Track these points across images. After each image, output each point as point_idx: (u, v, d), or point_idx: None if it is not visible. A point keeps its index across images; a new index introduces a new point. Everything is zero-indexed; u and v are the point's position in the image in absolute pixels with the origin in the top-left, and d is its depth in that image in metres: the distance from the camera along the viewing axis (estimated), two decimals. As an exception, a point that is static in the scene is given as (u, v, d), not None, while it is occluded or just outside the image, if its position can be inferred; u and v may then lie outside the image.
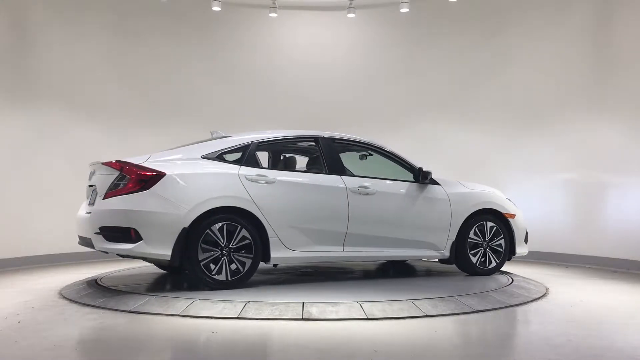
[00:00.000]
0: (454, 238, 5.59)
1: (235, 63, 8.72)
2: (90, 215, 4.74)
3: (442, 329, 3.81)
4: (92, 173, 5.06)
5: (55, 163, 7.39)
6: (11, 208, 6.99)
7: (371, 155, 5.71)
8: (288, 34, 8.96)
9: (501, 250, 5.81)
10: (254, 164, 5.07)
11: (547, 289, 5.31)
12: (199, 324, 3.84)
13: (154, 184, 4.56)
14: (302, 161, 5.96)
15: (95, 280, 5.34)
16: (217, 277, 4.68)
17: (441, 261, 5.88)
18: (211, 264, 4.66)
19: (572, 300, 4.86)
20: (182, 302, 4.22)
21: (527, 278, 5.80)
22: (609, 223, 7.10)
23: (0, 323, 3.90)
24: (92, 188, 4.97)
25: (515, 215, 5.93)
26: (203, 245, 4.63)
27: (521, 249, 5.98)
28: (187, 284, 5.07)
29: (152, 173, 4.59)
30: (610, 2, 7.29)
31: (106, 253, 4.88)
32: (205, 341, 3.51)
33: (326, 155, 5.34)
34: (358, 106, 8.80)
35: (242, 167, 4.92)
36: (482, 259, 5.72)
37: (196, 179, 4.71)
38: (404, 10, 8.33)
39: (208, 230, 4.64)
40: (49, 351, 3.22)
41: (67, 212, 6.05)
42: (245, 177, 4.86)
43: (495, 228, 5.77)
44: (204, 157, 4.92)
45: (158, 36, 8.39)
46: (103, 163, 4.87)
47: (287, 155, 5.92)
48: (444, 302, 4.36)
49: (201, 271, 4.63)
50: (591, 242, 7.28)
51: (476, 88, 8.45)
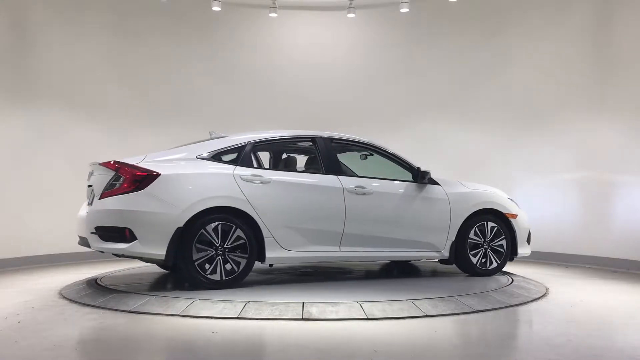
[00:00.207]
0: (454, 238, 5.56)
1: (235, 63, 8.72)
2: (87, 215, 4.80)
3: (442, 329, 3.81)
4: (91, 173, 5.08)
5: (55, 163, 7.39)
6: (11, 208, 6.99)
7: (371, 155, 5.70)
8: (288, 34, 8.96)
9: (502, 250, 5.76)
10: (250, 164, 5.06)
11: (547, 289, 5.31)
12: (199, 324, 3.84)
13: (149, 184, 4.59)
14: (303, 161, 5.96)
15: (95, 280, 5.34)
16: (212, 277, 4.70)
17: (441, 261, 5.85)
18: (206, 264, 4.68)
19: (572, 300, 4.87)
20: (182, 302, 4.22)
21: (527, 278, 5.80)
22: (609, 223, 7.10)
23: (0, 323, 3.90)
24: (91, 188, 5.00)
25: (517, 215, 5.87)
26: (197, 245, 4.65)
27: (523, 250, 5.92)
28: (188, 284, 5.07)
29: (147, 173, 4.62)
30: (610, 2, 7.29)
31: (102, 253, 4.92)
32: (205, 341, 3.51)
33: (323, 155, 5.33)
34: (358, 106, 8.80)
35: (238, 167, 4.93)
36: (483, 260, 5.68)
37: (191, 179, 4.72)
38: (404, 10, 8.33)
39: (202, 230, 4.66)
40: (49, 351, 3.22)
41: (67, 212, 6.05)
42: (240, 177, 4.86)
43: (496, 228, 5.72)
44: (200, 158, 4.93)
45: (158, 36, 8.39)
46: (100, 163, 4.90)
47: (288, 155, 5.92)
48: (444, 302, 4.36)
49: (195, 271, 4.65)
50: (591, 242, 7.28)
51: (476, 88, 8.45)
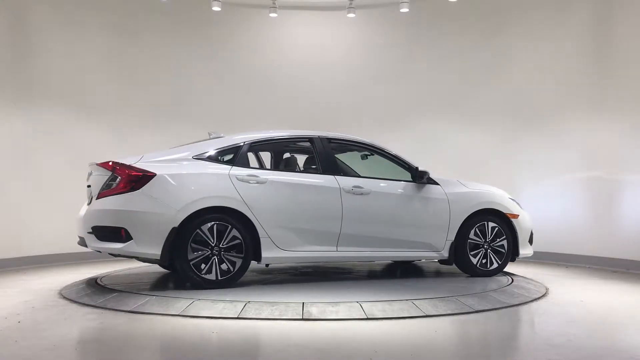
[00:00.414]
0: (453, 238, 5.52)
1: (235, 63, 8.72)
2: (84, 214, 4.85)
3: (442, 329, 3.81)
4: (90, 174, 5.11)
5: (55, 163, 7.39)
6: (11, 208, 6.98)
7: (372, 155, 5.70)
8: (288, 34, 8.96)
9: (503, 251, 5.72)
10: (246, 164, 5.07)
11: (547, 289, 5.31)
12: (199, 324, 3.84)
13: (144, 184, 4.62)
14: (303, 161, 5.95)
15: (95, 280, 5.34)
16: (207, 277, 4.71)
17: (440, 262, 5.81)
18: (201, 264, 4.69)
19: (572, 300, 4.86)
20: (182, 302, 4.23)
21: (527, 278, 5.79)
22: (610, 223, 7.09)
23: (0, 323, 3.90)
24: (90, 188, 5.03)
25: (518, 215, 5.81)
26: (193, 244, 4.67)
27: (525, 250, 5.87)
28: (189, 284, 5.07)
29: (142, 173, 4.65)
30: (610, 2, 7.29)
31: (100, 252, 4.95)
32: (205, 341, 3.51)
33: (320, 155, 5.33)
34: (358, 106, 8.80)
35: (234, 168, 4.94)
36: (483, 260, 5.63)
37: (186, 179, 4.74)
38: (404, 10, 8.33)
39: (198, 230, 4.68)
40: (49, 351, 3.22)
41: (67, 212, 6.05)
42: (236, 177, 4.87)
43: (497, 228, 5.68)
44: (196, 158, 4.95)
45: (158, 36, 8.39)
46: (97, 164, 4.94)
47: (290, 155, 5.92)
48: (444, 302, 4.36)
49: (191, 270, 4.67)
50: (591, 242, 7.27)
51: (476, 88, 8.45)
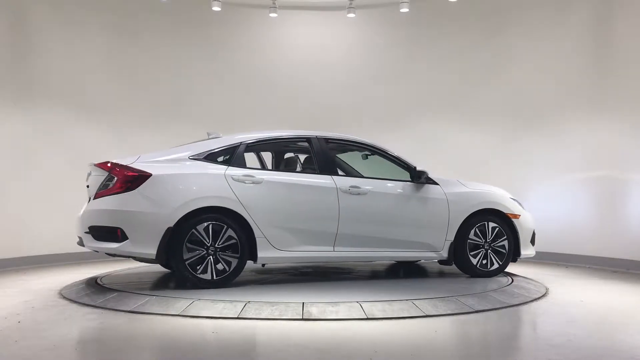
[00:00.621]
0: (453, 239, 5.49)
1: (235, 63, 8.72)
2: (82, 214, 4.89)
3: (442, 329, 3.81)
4: (89, 174, 5.14)
5: (55, 163, 7.39)
6: (11, 208, 6.98)
7: (372, 154, 5.69)
8: (288, 34, 8.96)
9: (504, 251, 5.67)
10: (242, 165, 5.06)
11: (547, 289, 5.31)
12: (199, 324, 3.84)
13: (140, 185, 4.65)
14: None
15: (95, 280, 5.34)
16: (202, 276, 4.73)
17: (440, 262, 5.76)
18: (197, 263, 4.71)
19: (572, 300, 4.86)
20: (182, 302, 4.23)
21: (527, 278, 5.79)
22: (610, 223, 7.09)
23: (0, 323, 3.90)
24: (89, 189, 5.05)
25: (519, 215, 5.76)
26: (188, 244, 4.68)
27: (527, 251, 5.81)
28: (189, 284, 5.07)
29: (138, 174, 4.67)
30: (610, 2, 7.29)
31: (97, 252, 4.97)
32: (205, 341, 3.51)
33: (317, 155, 5.33)
34: (358, 106, 8.80)
35: (230, 168, 4.95)
36: (484, 261, 5.59)
37: (181, 180, 4.76)
38: (404, 10, 8.33)
39: (193, 230, 4.69)
40: (49, 351, 3.22)
41: (67, 212, 6.04)
42: (231, 178, 4.88)
43: (497, 229, 5.63)
44: (192, 158, 4.97)
45: (158, 36, 8.39)
46: (95, 164, 4.96)
47: (293, 155, 5.91)
48: (444, 302, 4.36)
49: (186, 270, 4.69)
50: (591, 242, 7.27)
51: (476, 88, 8.45)
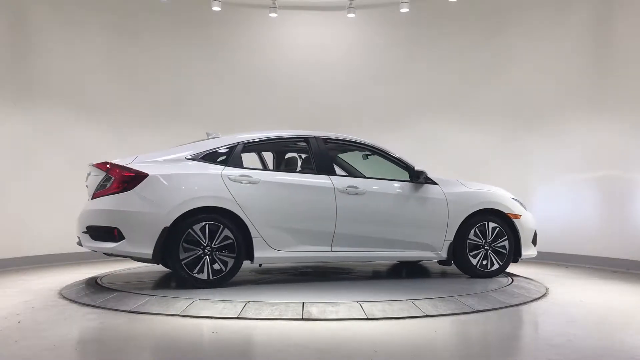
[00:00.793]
0: (452, 239, 5.47)
1: (235, 63, 8.72)
2: (80, 214, 4.93)
3: (442, 329, 3.81)
4: (89, 174, 5.16)
5: (55, 163, 7.39)
6: (11, 208, 6.98)
7: (371, 154, 5.68)
8: (288, 34, 8.96)
9: (504, 252, 5.63)
10: (239, 165, 5.06)
11: (547, 289, 5.31)
12: (199, 324, 3.84)
13: (136, 185, 4.67)
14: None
15: (95, 280, 5.34)
16: (198, 276, 4.74)
17: (439, 262, 5.74)
18: (194, 263, 4.72)
19: (572, 300, 4.86)
20: (182, 302, 4.23)
21: (527, 278, 5.79)
22: (610, 223, 7.09)
23: (0, 323, 3.90)
24: (88, 189, 5.08)
25: (520, 215, 5.72)
26: (185, 244, 4.70)
27: (528, 251, 5.76)
28: (189, 284, 5.07)
29: (134, 174, 4.70)
30: (610, 2, 7.29)
31: (95, 252, 5.00)
32: (205, 341, 3.51)
33: (315, 155, 5.32)
34: (358, 106, 8.80)
35: (226, 168, 4.96)
36: (484, 261, 5.55)
37: (178, 180, 4.77)
38: (404, 10, 8.33)
39: (190, 229, 4.71)
40: (49, 351, 3.22)
41: (67, 212, 6.05)
42: (228, 178, 4.88)
43: (497, 229, 5.59)
44: (189, 158, 4.98)
45: (158, 36, 8.39)
46: (94, 164, 4.99)
47: (290, 155, 5.91)
48: (444, 302, 4.36)
49: (182, 269, 4.71)
50: (591, 242, 7.27)
51: (476, 88, 8.45)
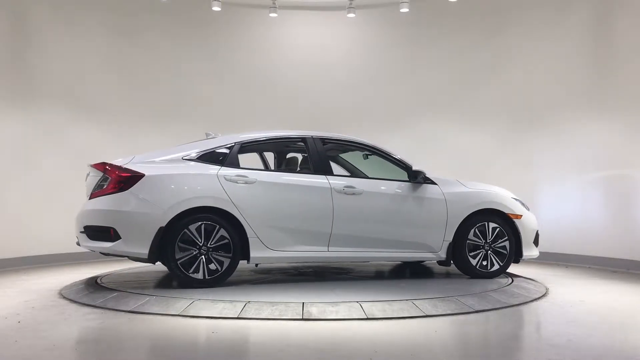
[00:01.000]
0: (451, 239, 5.44)
1: (235, 63, 8.72)
2: (78, 214, 4.96)
3: (442, 329, 3.81)
4: (87, 174, 5.18)
5: (55, 163, 7.39)
6: (11, 208, 6.98)
7: (371, 154, 5.68)
8: (288, 34, 8.96)
9: (505, 252, 5.58)
10: (236, 165, 5.07)
11: (547, 289, 5.31)
12: (199, 324, 3.84)
13: (132, 185, 4.70)
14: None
15: (95, 280, 5.35)
16: (194, 276, 4.75)
17: (439, 263, 5.70)
18: (189, 263, 4.74)
19: (572, 300, 4.86)
20: (182, 302, 4.23)
21: (527, 278, 5.79)
22: (610, 222, 7.09)
23: (0, 323, 3.90)
24: (87, 189, 5.11)
25: (521, 215, 5.66)
26: (180, 244, 4.72)
27: (529, 252, 5.70)
28: (185, 284, 5.08)
29: (130, 174, 4.73)
30: (610, 2, 7.29)
31: (93, 251, 5.04)
32: (205, 341, 3.51)
33: (312, 155, 5.32)
34: (358, 106, 8.80)
35: (223, 168, 4.97)
36: (484, 262, 5.50)
37: (174, 180, 4.80)
38: (404, 10, 8.33)
39: (186, 229, 4.72)
40: (49, 351, 3.22)
41: (67, 212, 6.04)
42: (224, 178, 4.90)
43: (498, 229, 5.54)
44: (186, 159, 4.99)
45: (158, 36, 8.39)
46: (92, 165, 5.01)
47: (291, 155, 5.91)
48: (444, 302, 4.36)
49: (178, 269, 4.72)
50: (591, 242, 7.26)
51: (476, 88, 8.45)
